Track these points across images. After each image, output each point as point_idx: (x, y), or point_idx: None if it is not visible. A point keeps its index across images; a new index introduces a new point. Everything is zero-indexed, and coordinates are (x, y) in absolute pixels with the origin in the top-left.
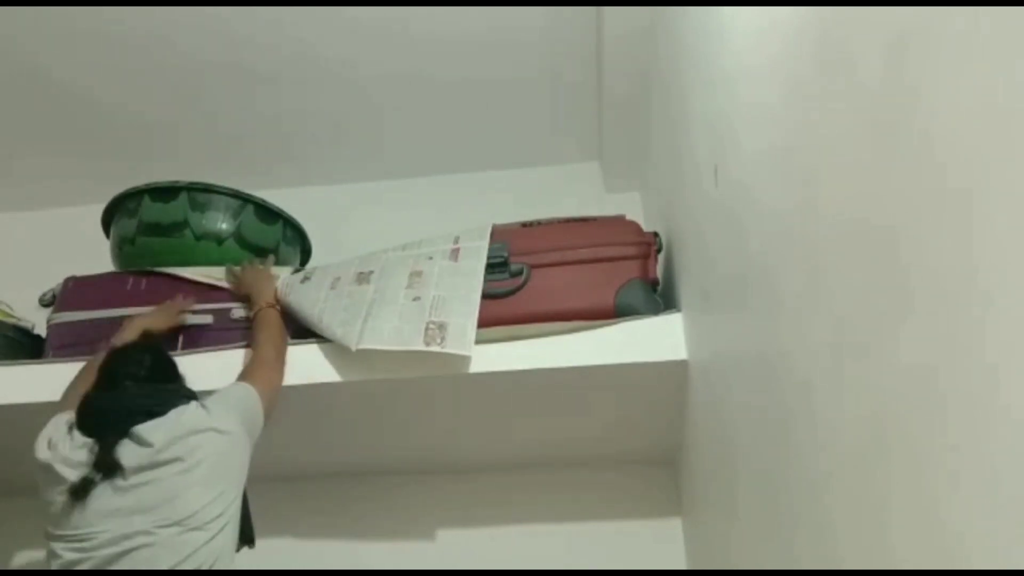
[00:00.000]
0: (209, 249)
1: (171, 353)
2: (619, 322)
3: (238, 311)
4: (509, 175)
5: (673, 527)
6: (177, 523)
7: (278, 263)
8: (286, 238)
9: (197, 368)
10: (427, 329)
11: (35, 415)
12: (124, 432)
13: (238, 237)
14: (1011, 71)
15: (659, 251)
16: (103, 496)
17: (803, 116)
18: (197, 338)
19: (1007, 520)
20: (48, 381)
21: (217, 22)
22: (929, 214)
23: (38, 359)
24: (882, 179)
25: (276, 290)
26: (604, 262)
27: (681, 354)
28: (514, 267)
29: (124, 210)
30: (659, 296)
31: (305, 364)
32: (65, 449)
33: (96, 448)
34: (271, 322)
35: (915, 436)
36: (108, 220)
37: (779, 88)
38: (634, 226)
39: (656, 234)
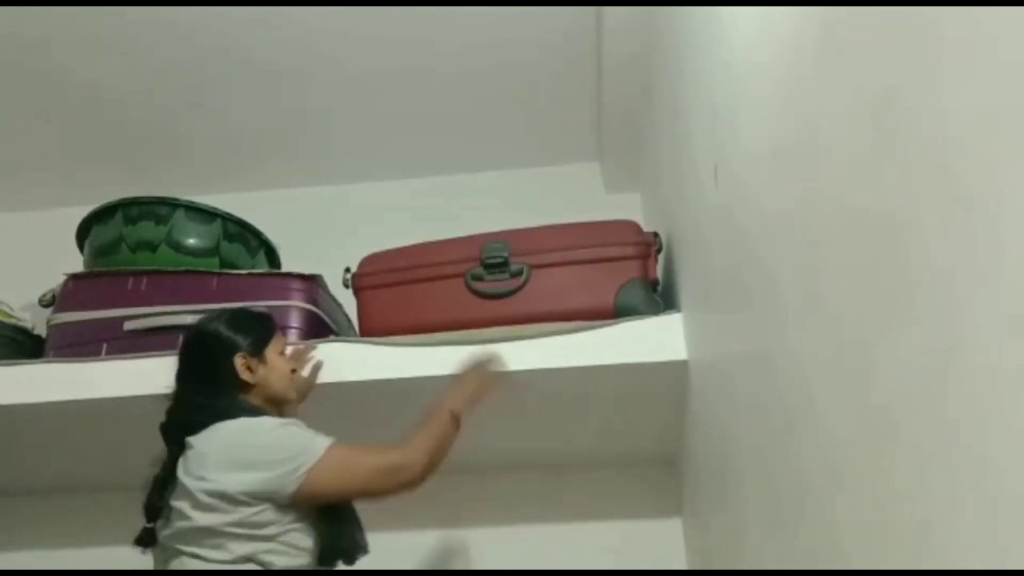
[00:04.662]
0: (144, 258)
1: (170, 353)
2: (619, 322)
3: None
4: (509, 175)
5: (673, 527)
6: (195, 556)
7: (222, 262)
8: (228, 235)
9: None
10: None
11: (35, 415)
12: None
13: (170, 241)
14: (1012, 70)
15: (659, 251)
16: None
17: (803, 115)
18: None
19: (1008, 520)
20: (48, 381)
21: (219, 23)
22: (930, 212)
23: (38, 359)
24: (882, 178)
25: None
26: (604, 262)
27: (681, 354)
28: (514, 267)
29: (83, 243)
30: (659, 296)
31: None
32: None
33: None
34: (441, 432)
35: (916, 435)
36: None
37: (779, 86)
38: (634, 226)
39: (656, 234)
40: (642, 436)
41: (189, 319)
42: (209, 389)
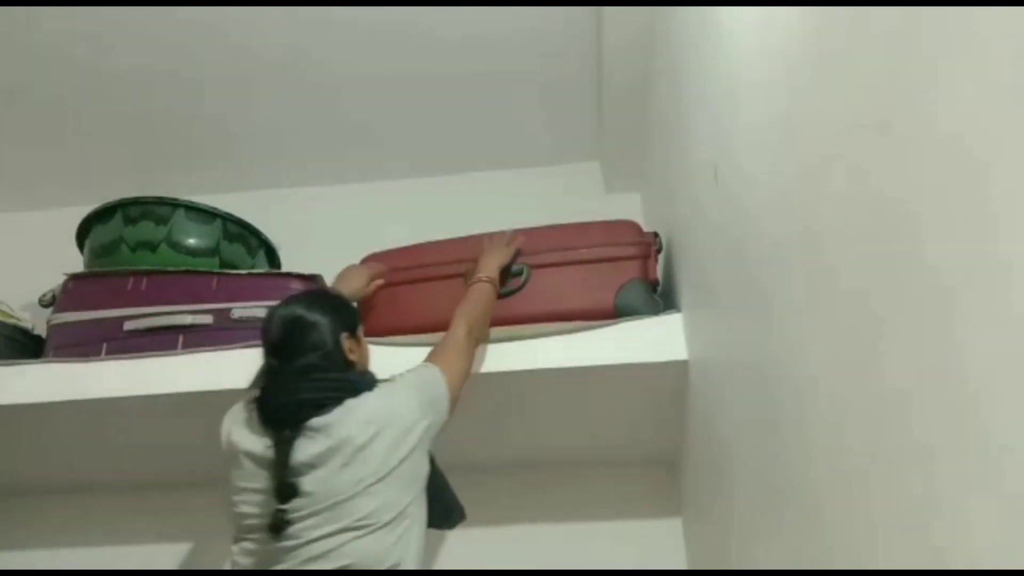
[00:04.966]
0: (144, 258)
1: (170, 353)
2: (619, 322)
3: (238, 311)
4: (509, 175)
5: (673, 527)
6: (347, 528)
7: (222, 262)
8: (228, 235)
9: (197, 368)
10: None
11: (35, 415)
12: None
13: (170, 241)
14: (1019, 55)
15: (659, 251)
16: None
17: (803, 114)
18: (197, 338)
19: (1008, 521)
20: (48, 381)
21: (217, 24)
22: (931, 213)
23: (38, 359)
24: (887, 171)
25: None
26: (604, 262)
27: (681, 354)
28: (514, 267)
29: (83, 243)
30: (659, 296)
31: None
32: (246, 439)
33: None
34: (479, 299)
35: (922, 434)
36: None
37: (778, 85)
38: (634, 226)
39: (656, 234)
40: (642, 436)
41: (189, 319)
42: (329, 368)
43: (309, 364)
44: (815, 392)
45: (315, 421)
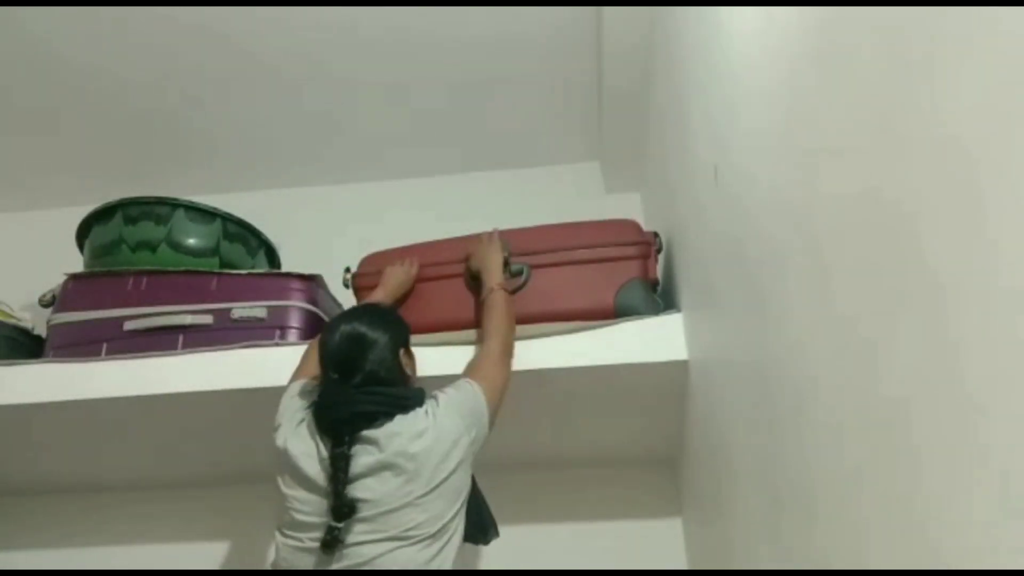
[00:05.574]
0: (144, 258)
1: (170, 353)
2: (619, 322)
3: (238, 311)
4: (509, 175)
5: (673, 527)
6: (393, 538)
7: (222, 262)
8: (228, 235)
9: (197, 368)
10: None
11: (35, 415)
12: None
13: (170, 241)
14: (1015, 53)
15: (659, 251)
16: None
17: (803, 113)
18: (197, 338)
19: (1006, 521)
20: (48, 381)
21: (217, 26)
22: (929, 213)
23: (38, 359)
24: (886, 171)
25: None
26: (604, 262)
27: (681, 354)
28: (514, 267)
29: (83, 243)
30: (659, 296)
31: (283, 366)
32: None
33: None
34: (500, 308)
35: (922, 434)
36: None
37: (779, 84)
38: (634, 226)
39: (656, 234)
40: (642, 436)
41: (189, 319)
42: (387, 383)
43: (369, 380)
44: (814, 392)
45: (367, 433)
